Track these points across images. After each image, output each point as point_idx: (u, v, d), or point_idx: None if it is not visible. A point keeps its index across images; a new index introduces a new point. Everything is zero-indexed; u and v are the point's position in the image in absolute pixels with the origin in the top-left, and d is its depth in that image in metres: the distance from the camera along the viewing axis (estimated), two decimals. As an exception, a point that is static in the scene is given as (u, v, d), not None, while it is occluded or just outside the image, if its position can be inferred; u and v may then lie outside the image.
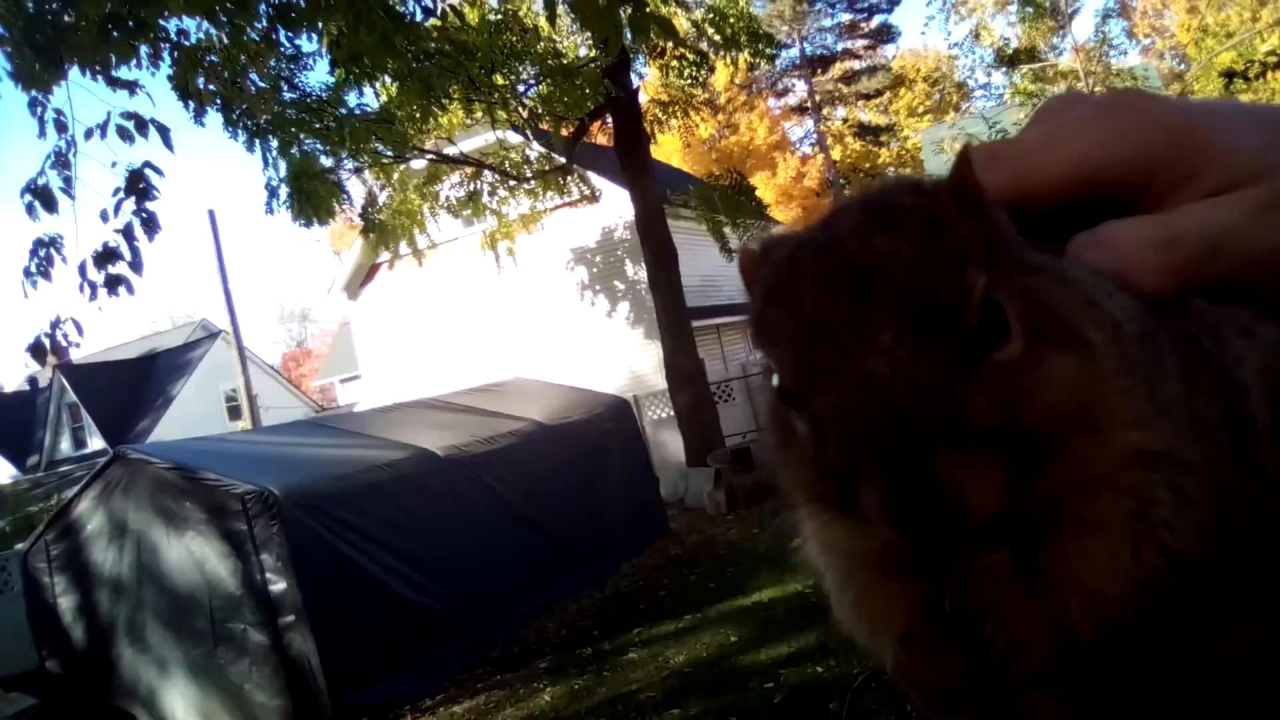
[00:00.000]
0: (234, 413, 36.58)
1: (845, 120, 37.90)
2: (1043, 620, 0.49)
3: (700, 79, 20.98)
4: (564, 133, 18.63)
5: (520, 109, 17.57)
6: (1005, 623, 0.49)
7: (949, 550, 0.48)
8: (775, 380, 0.51)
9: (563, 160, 18.90)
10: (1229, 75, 11.44)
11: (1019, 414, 0.46)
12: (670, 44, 17.90)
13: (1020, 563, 0.49)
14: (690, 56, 19.30)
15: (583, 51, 18.02)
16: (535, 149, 19.51)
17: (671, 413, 17.79)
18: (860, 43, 37.88)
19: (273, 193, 14.76)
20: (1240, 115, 0.56)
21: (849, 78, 38.81)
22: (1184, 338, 0.53)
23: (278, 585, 8.61)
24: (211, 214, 23.78)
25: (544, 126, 18.57)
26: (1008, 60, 33.34)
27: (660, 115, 20.75)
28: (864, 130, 37.85)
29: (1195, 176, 0.53)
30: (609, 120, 18.60)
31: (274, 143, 12.95)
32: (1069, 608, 0.49)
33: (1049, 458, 0.47)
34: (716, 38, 19.19)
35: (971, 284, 0.47)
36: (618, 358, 21.51)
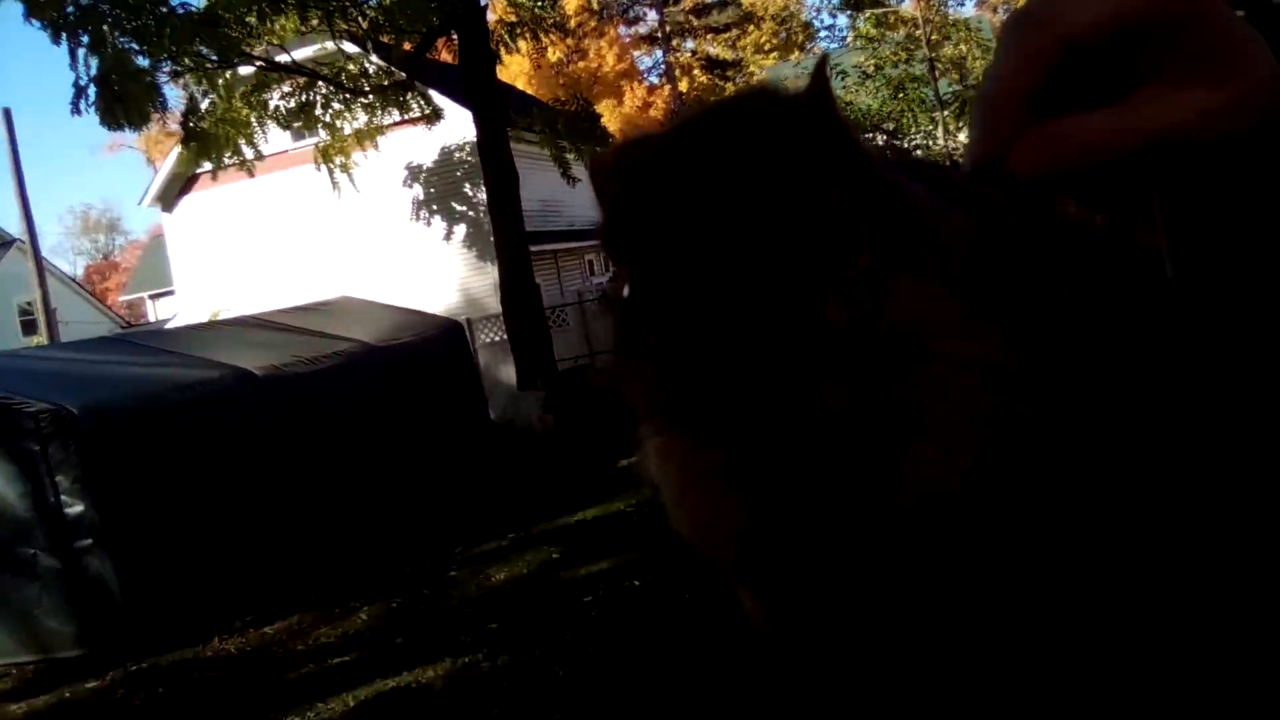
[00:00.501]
0: (29, 327, 33.97)
1: (694, 53, 38.12)
2: (875, 512, 0.49)
3: (550, 1, 20.60)
4: (406, 47, 17.96)
5: (360, 19, 16.81)
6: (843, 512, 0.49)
7: (796, 455, 0.48)
8: (626, 291, 0.49)
9: (404, 76, 18.24)
10: None
11: (865, 325, 0.47)
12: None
13: (855, 465, 0.49)
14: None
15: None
16: (375, 62, 18.74)
17: (505, 336, 17.82)
18: (712, -26, 38.12)
19: (80, 92, 13.65)
20: (1239, 29, 0.51)
21: (700, 10, 38.94)
22: (1017, 246, 0.55)
23: (74, 508, 8.25)
24: (7, 112, 21.78)
25: (385, 39, 17.85)
26: (853, 4, 34.21)
27: (508, 36, 20.28)
28: (711, 64, 38.20)
29: (1175, 50, 0.49)
30: (454, 37, 18.05)
31: (84, 38, 11.94)
32: (899, 500, 0.50)
33: (889, 367, 0.48)
34: (567, -44, 18.84)
35: (828, 198, 0.47)
36: (453, 280, 21.25)
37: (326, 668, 7.52)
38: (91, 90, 13.34)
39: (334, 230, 21.95)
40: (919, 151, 29.99)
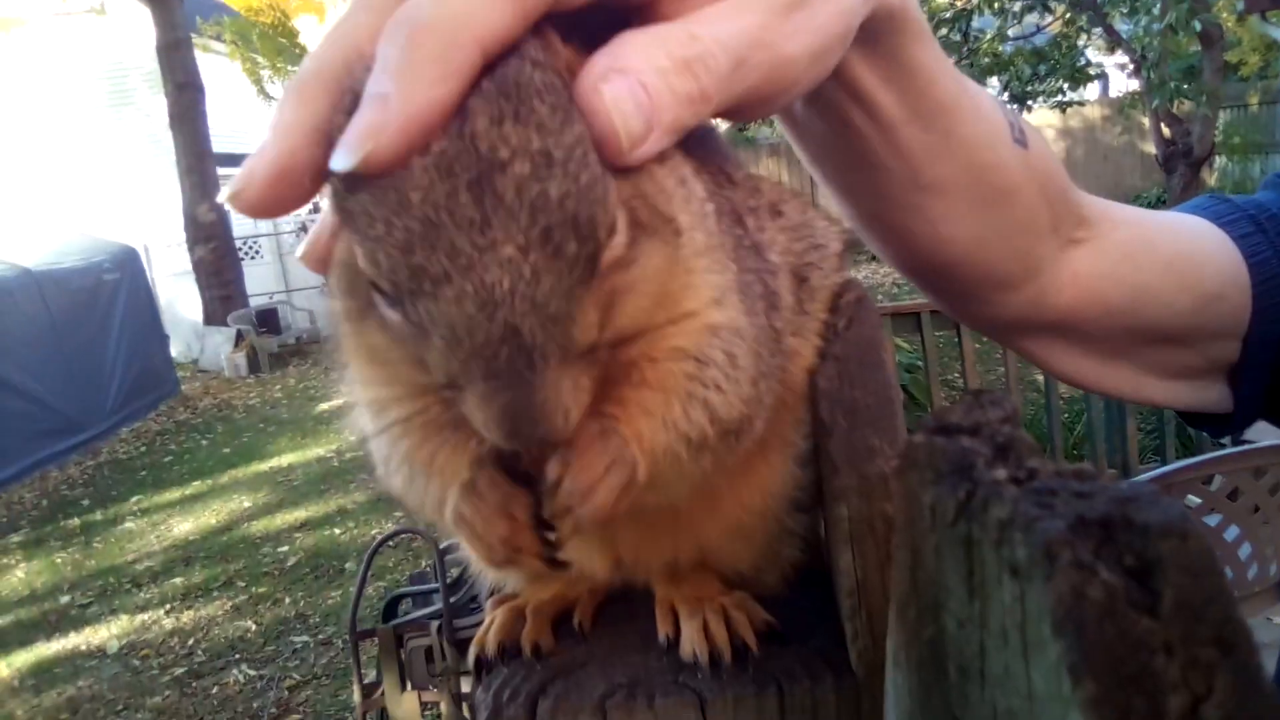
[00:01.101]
0: None
1: (404, -27, 36.52)
2: (606, 463, 0.50)
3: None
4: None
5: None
6: (572, 466, 0.49)
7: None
8: (363, 263, 0.46)
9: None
10: None
11: (615, 318, 0.47)
12: None
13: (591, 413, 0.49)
14: None
15: None
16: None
17: (190, 267, 16.49)
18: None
19: None
20: None
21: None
22: (734, 218, 0.58)
23: None
24: None
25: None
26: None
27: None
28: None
29: None
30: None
31: None
32: (627, 444, 0.51)
33: (638, 335, 0.50)
34: None
35: (613, 197, 0.45)
36: (127, 200, 19.18)
37: (-20, 632, 6.90)
38: None
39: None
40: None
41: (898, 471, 0.36)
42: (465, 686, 3.08)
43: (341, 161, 0.42)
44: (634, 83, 0.45)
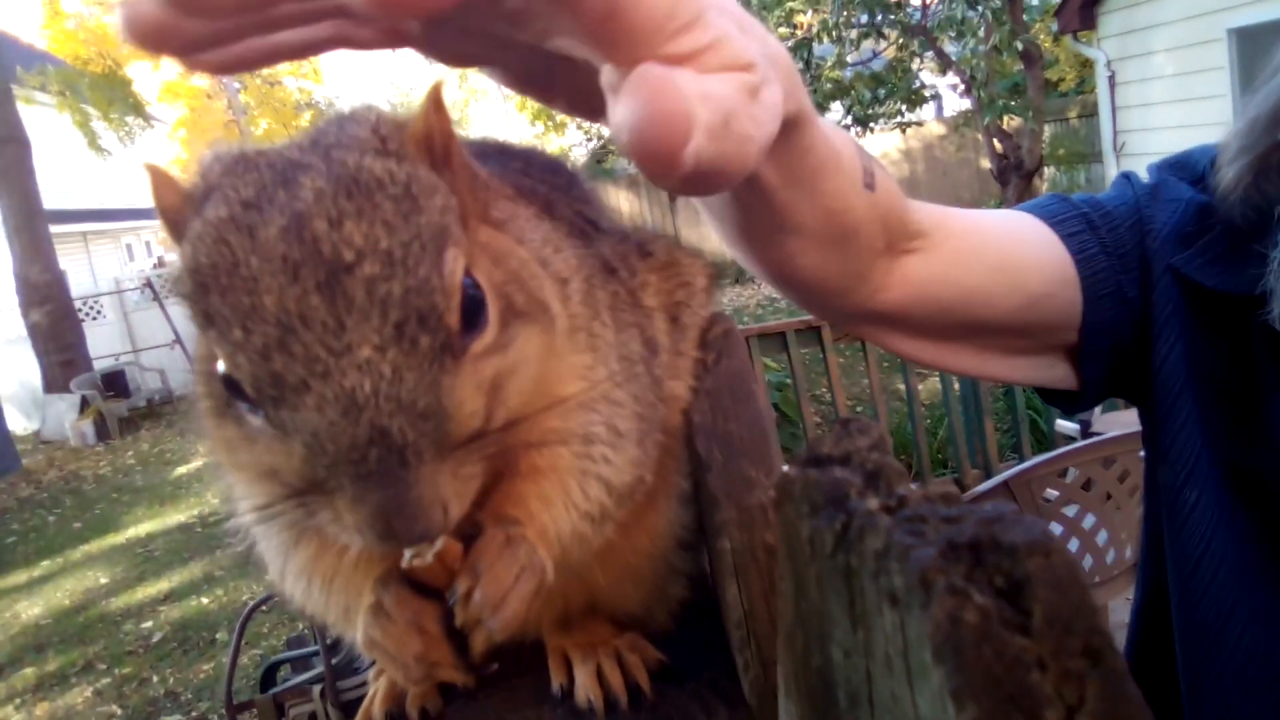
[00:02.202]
0: None
1: (244, 16, 35.50)
2: (514, 565, 0.49)
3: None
4: None
5: None
6: (483, 579, 0.49)
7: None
8: (221, 368, 0.46)
9: None
10: None
11: (497, 405, 0.47)
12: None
13: (483, 506, 0.49)
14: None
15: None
16: None
17: (25, 332, 15.42)
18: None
19: None
20: (729, 17, 0.50)
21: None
22: (607, 271, 0.58)
23: None
24: None
25: None
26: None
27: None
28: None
29: (685, 32, 0.47)
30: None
31: None
32: (534, 550, 0.50)
33: (517, 423, 0.49)
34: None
35: (452, 275, 0.44)
36: (-52, 265, 17.80)
37: None
38: None
39: None
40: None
41: (775, 504, 0.37)
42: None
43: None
44: (661, 105, 0.44)
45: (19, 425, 14.99)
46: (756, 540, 0.52)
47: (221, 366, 0.45)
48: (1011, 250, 0.99)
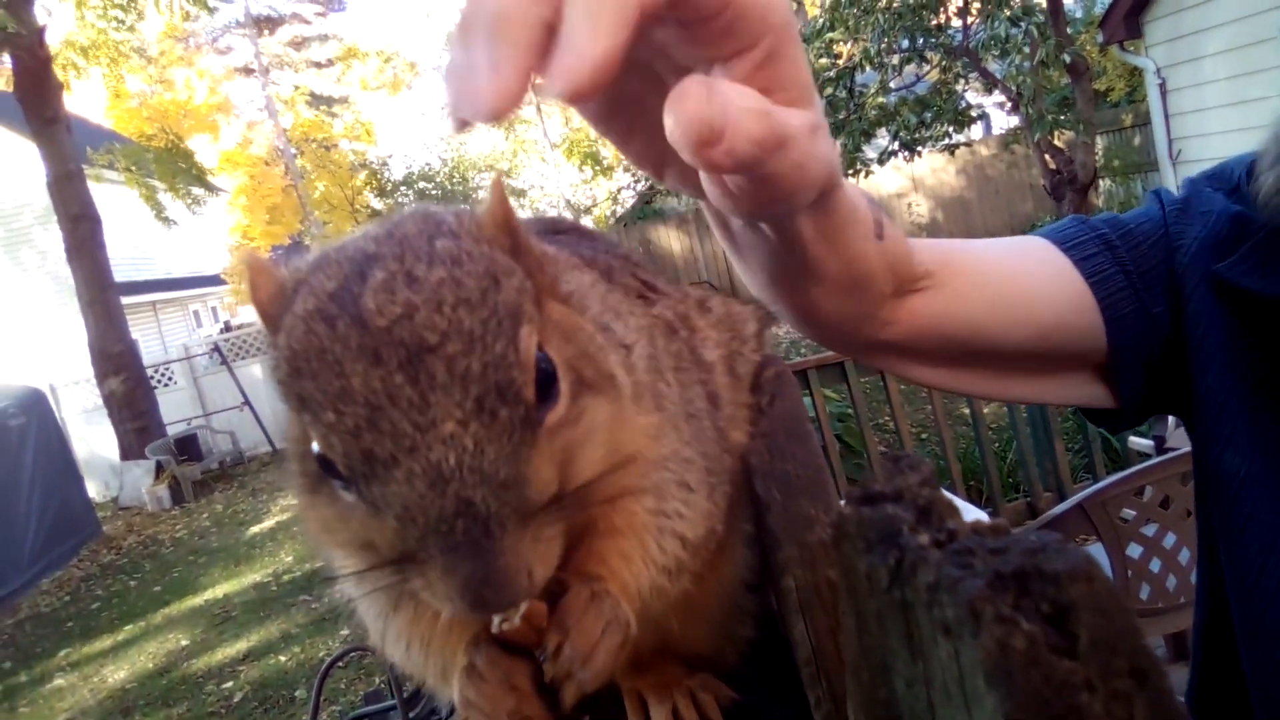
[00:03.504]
0: None
1: (297, 88, 36.78)
2: (600, 620, 0.52)
3: (128, 23, 18.75)
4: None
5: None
6: (570, 634, 0.51)
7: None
8: (315, 448, 0.48)
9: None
10: None
11: (572, 472, 0.49)
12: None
13: (565, 565, 0.51)
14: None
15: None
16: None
17: (101, 402, 15.98)
18: (310, 8, 37.04)
19: None
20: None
21: (298, 44, 37.72)
22: (669, 331, 0.61)
23: None
24: None
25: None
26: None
27: (77, 60, 18.14)
28: (317, 99, 37.11)
29: (777, 54, 0.52)
30: (6, 60, 15.87)
31: None
32: (618, 604, 0.53)
33: (591, 487, 0.51)
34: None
35: (526, 351, 0.47)
36: (30, 341, 18.59)
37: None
38: None
39: None
40: (533, 191, 31.54)
41: (834, 542, 0.38)
42: (435, 803, 2.96)
43: (553, 90, 0.45)
44: (727, 99, 0.48)
45: (98, 492, 15.48)
46: (820, 577, 0.53)
47: (316, 446, 0.48)
48: (1018, 282, 1.00)
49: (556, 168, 29.57)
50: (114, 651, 8.70)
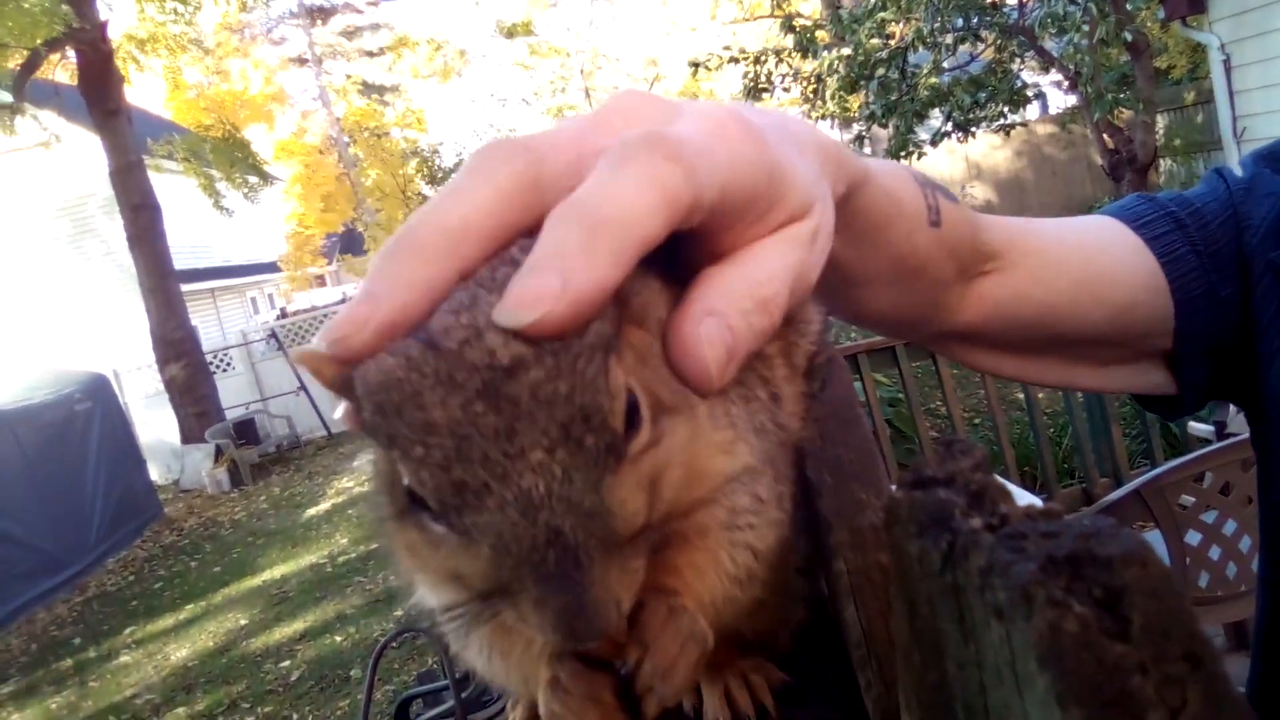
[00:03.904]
0: None
1: (349, 77, 37.25)
2: (679, 636, 0.52)
3: (186, 15, 19.15)
4: (11, 65, 15.93)
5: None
6: (650, 650, 0.51)
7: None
8: (411, 482, 0.47)
9: (9, 98, 16.17)
10: (694, 65, 13.46)
11: (656, 496, 0.49)
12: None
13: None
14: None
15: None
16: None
17: (162, 386, 16.43)
18: (360, -3, 37.58)
19: None
20: (790, 143, 0.57)
21: (350, 33, 38.18)
22: None
23: None
24: None
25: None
26: (507, 32, 35.19)
27: (137, 53, 18.58)
28: (369, 88, 37.56)
29: (775, 208, 0.53)
30: (70, 55, 16.31)
31: None
32: (696, 619, 0.54)
33: (674, 514, 0.52)
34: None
35: (614, 377, 0.46)
36: (93, 328, 19.16)
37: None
38: None
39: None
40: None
41: (886, 526, 0.39)
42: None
43: (510, 317, 0.44)
44: (723, 325, 0.49)
45: (160, 475, 15.93)
46: (871, 561, 0.53)
47: (406, 480, 0.48)
48: (1093, 261, 0.97)
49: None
50: (176, 630, 8.97)
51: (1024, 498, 3.54)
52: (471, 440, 0.44)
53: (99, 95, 15.73)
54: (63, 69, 17.77)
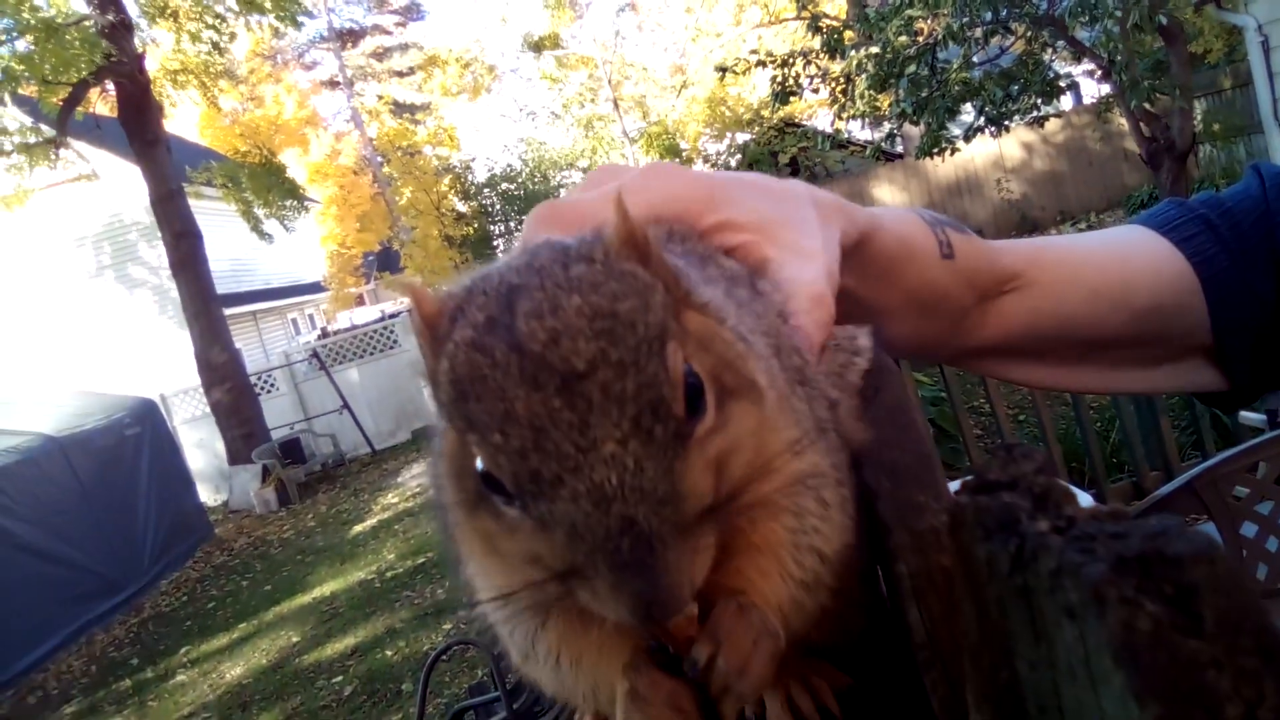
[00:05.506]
0: None
1: (380, 97, 37.73)
2: (750, 631, 0.53)
3: (220, 45, 19.49)
4: (54, 100, 16.30)
5: (-10, 68, 15.13)
6: (723, 647, 0.52)
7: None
8: (487, 464, 0.49)
9: (53, 132, 16.56)
10: (722, 70, 13.50)
11: (723, 478, 0.51)
12: (183, 3, 16.58)
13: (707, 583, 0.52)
14: (208, 19, 17.91)
15: (76, 5, 15.94)
16: (16, 116, 16.88)
17: (208, 409, 16.70)
18: (390, 18, 37.96)
19: None
20: (759, 194, 0.71)
21: (380, 54, 38.71)
22: (785, 351, 0.62)
23: None
24: None
25: (28, 91, 16.14)
26: (534, 46, 35.43)
27: (173, 84, 18.93)
28: (400, 108, 38.00)
29: (719, 211, 0.67)
30: (110, 88, 16.68)
31: None
32: (766, 616, 0.54)
33: (740, 493, 0.52)
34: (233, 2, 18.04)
35: (675, 367, 0.48)
36: (140, 353, 19.55)
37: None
38: None
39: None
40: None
41: (950, 530, 0.39)
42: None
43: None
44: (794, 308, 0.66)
45: (209, 497, 16.17)
46: (932, 563, 0.54)
47: (480, 464, 0.50)
48: (1113, 270, 0.99)
49: (636, 163, 29.61)
50: (230, 648, 9.08)
51: (1084, 498, 3.48)
52: (547, 433, 0.46)
53: (138, 126, 16.04)
54: (102, 101, 18.16)
